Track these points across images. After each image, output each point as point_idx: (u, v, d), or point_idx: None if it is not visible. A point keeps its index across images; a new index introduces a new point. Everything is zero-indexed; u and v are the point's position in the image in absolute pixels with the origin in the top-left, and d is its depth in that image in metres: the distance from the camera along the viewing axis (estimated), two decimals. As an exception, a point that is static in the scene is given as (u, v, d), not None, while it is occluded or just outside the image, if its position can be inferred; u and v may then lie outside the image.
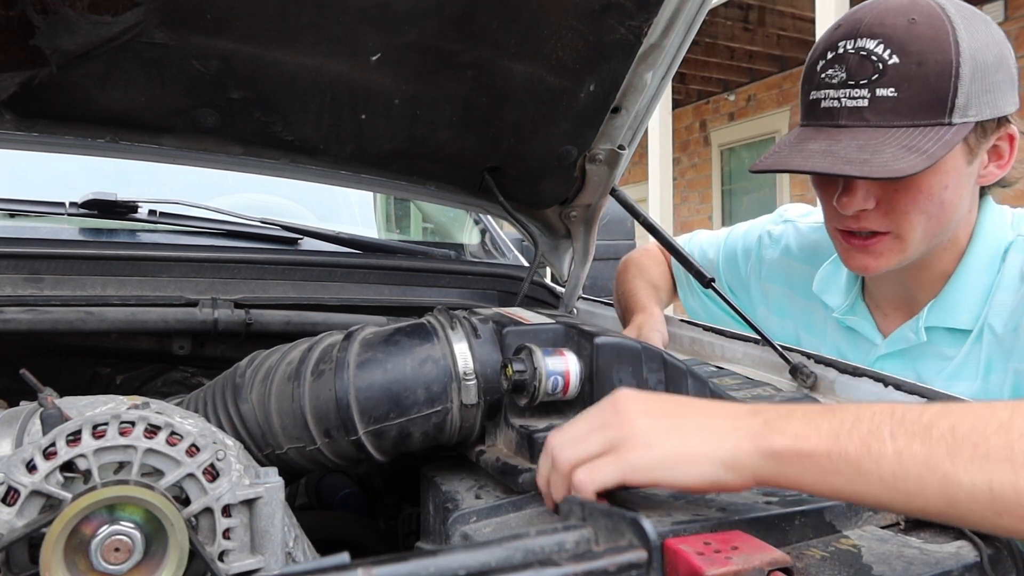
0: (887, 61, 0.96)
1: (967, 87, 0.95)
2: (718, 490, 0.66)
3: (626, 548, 0.44)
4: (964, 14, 0.99)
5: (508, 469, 0.77)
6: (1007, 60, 1.00)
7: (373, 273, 1.37)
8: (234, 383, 0.83)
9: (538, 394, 0.78)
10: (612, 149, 1.30)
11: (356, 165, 1.30)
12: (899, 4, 1.00)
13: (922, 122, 0.96)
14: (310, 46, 1.02)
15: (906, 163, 0.93)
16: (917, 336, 1.09)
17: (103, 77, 0.98)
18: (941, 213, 1.01)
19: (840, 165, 0.96)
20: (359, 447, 0.80)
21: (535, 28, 1.06)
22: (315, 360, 0.82)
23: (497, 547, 0.43)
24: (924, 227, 1.02)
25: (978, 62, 0.96)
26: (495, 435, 0.86)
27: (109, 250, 1.17)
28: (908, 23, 0.97)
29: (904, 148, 0.94)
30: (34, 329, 1.03)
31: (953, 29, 0.96)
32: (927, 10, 0.98)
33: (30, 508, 0.54)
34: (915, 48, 0.96)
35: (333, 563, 0.40)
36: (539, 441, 0.76)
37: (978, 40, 0.97)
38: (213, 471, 0.59)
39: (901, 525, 0.74)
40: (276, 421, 0.80)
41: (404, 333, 0.85)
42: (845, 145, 0.97)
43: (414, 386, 0.80)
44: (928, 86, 0.95)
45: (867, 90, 0.98)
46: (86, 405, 0.68)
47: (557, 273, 1.58)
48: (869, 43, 0.98)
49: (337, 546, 0.59)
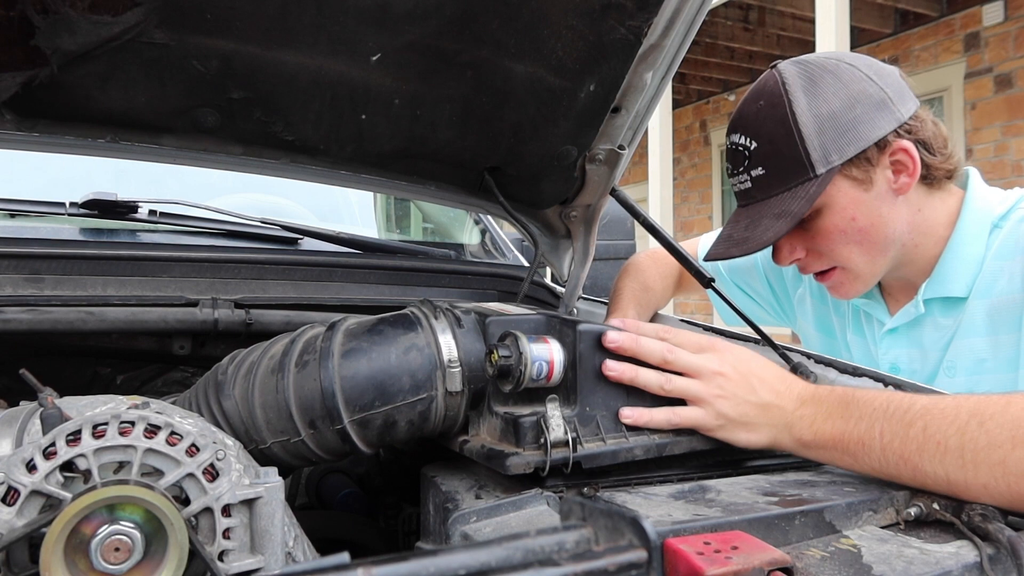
0: (750, 148, 1.14)
1: (816, 141, 1.08)
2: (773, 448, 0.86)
3: (626, 548, 0.44)
4: (809, 74, 1.12)
5: (494, 454, 0.77)
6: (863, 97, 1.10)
7: (373, 273, 1.37)
8: (216, 380, 0.83)
9: (523, 379, 0.78)
10: (612, 149, 1.30)
11: (356, 165, 1.30)
12: (755, 90, 1.17)
13: (793, 183, 1.11)
14: (310, 46, 1.02)
15: (772, 232, 1.10)
16: (916, 309, 1.19)
17: (103, 77, 0.98)
18: (869, 235, 1.14)
19: (731, 249, 1.15)
20: (344, 437, 0.80)
21: (535, 28, 1.06)
22: (298, 351, 0.82)
23: (497, 547, 0.43)
24: (861, 252, 1.15)
25: (821, 115, 1.09)
26: (478, 424, 0.86)
27: (109, 250, 1.17)
28: (757, 109, 1.14)
29: (775, 216, 1.11)
30: (34, 329, 1.02)
31: (789, 99, 1.10)
32: (771, 89, 1.13)
33: (30, 508, 0.54)
34: (764, 130, 1.12)
35: (333, 563, 0.40)
36: (525, 425, 0.76)
37: (819, 96, 1.09)
38: (213, 471, 0.58)
39: (901, 525, 0.74)
40: (260, 415, 0.80)
41: (388, 323, 0.85)
42: (740, 226, 1.16)
43: (399, 374, 0.80)
44: (783, 155, 1.10)
45: (746, 175, 1.16)
46: (86, 405, 0.68)
47: (557, 273, 1.58)
48: (736, 136, 1.17)
49: (337, 546, 0.59)
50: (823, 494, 0.75)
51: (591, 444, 0.78)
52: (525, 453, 0.75)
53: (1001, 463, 0.68)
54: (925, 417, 0.73)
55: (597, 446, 0.78)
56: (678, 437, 0.83)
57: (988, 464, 0.69)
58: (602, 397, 0.81)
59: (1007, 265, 1.09)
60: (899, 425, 0.74)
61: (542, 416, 0.77)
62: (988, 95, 5.63)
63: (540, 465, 0.74)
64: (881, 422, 0.76)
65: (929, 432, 0.72)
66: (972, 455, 0.70)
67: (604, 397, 0.81)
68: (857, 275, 1.17)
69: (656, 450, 0.81)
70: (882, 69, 1.13)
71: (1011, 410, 0.70)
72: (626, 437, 0.81)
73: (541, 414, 0.78)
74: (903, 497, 0.76)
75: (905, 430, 0.74)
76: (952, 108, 5.84)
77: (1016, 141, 5.49)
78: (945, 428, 0.71)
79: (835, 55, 1.15)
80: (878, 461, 0.76)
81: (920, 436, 0.73)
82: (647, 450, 0.80)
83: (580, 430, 0.78)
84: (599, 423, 0.80)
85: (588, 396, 0.80)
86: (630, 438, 0.81)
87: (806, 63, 1.13)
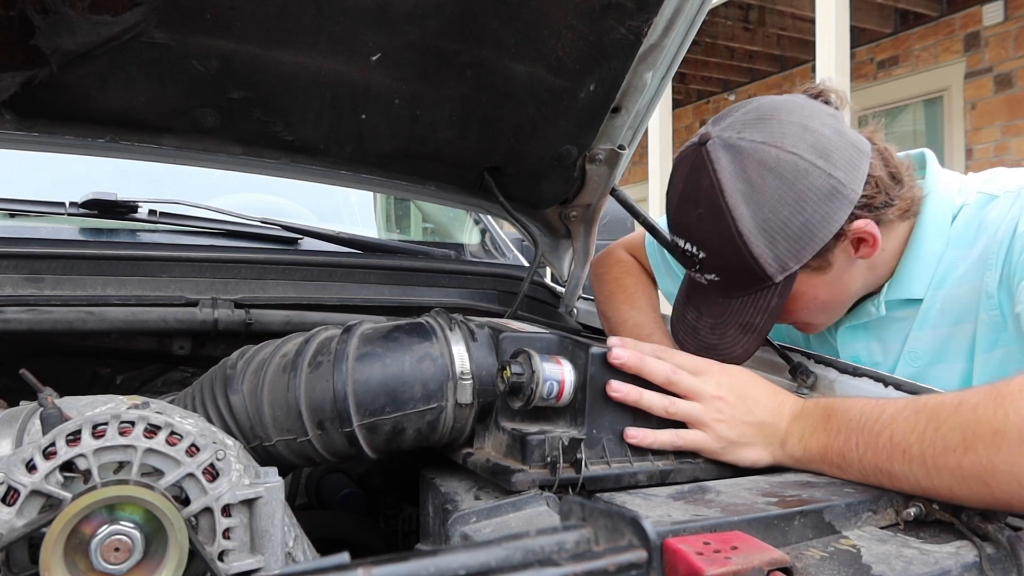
0: (698, 256, 1.04)
1: (769, 256, 0.99)
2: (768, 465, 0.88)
3: (626, 548, 0.44)
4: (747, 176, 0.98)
5: (500, 469, 0.77)
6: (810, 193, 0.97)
7: (373, 273, 1.37)
8: (224, 375, 0.83)
9: (534, 398, 0.78)
10: (612, 149, 1.30)
11: (356, 165, 1.30)
12: (689, 190, 1.03)
13: (752, 290, 1.03)
14: (310, 46, 1.02)
15: (741, 348, 1.05)
16: (878, 311, 1.15)
17: (103, 77, 0.98)
18: (832, 303, 1.10)
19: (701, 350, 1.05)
20: (352, 440, 0.80)
21: (535, 28, 1.06)
22: (312, 352, 0.82)
23: (497, 547, 0.43)
24: (826, 312, 1.12)
25: (770, 228, 0.97)
26: (484, 438, 0.86)
27: (109, 250, 1.17)
28: (697, 219, 1.02)
29: (740, 328, 1.05)
30: (34, 329, 1.02)
31: (731, 213, 0.97)
32: (708, 195, 1.00)
33: (30, 508, 0.54)
34: (709, 244, 1.02)
35: (333, 563, 0.40)
36: (532, 443, 0.77)
37: (763, 204, 0.97)
38: (213, 471, 0.58)
39: (901, 525, 0.75)
40: (268, 412, 0.80)
41: (403, 330, 0.85)
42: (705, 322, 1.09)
43: (411, 382, 0.81)
44: (735, 269, 1.01)
45: (700, 275, 1.07)
46: (86, 405, 0.68)
47: (557, 273, 1.58)
48: (680, 241, 1.06)
49: (337, 546, 0.59)
50: (823, 494, 0.75)
51: (596, 467, 0.79)
52: (531, 471, 0.75)
53: (958, 467, 0.69)
54: (891, 426, 0.76)
55: (602, 469, 0.79)
56: (681, 465, 0.84)
57: (947, 469, 0.70)
58: (609, 420, 0.82)
59: (963, 253, 1.07)
60: (870, 436, 0.77)
61: (549, 436, 0.78)
62: (988, 95, 5.63)
63: (546, 484, 0.75)
64: (856, 434, 0.79)
65: (895, 441, 0.75)
66: (932, 460, 0.71)
67: (611, 420, 0.82)
68: (827, 321, 1.17)
69: (659, 477, 0.82)
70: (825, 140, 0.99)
71: (962, 412, 0.71)
72: (630, 461, 0.82)
73: (548, 433, 0.79)
74: (902, 497, 0.76)
75: (875, 440, 0.76)
76: (952, 108, 5.84)
77: (1016, 141, 5.49)
78: (908, 435, 0.74)
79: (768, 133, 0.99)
80: (859, 472, 0.79)
81: (888, 445, 0.75)
82: (651, 476, 0.81)
83: (586, 452, 0.79)
84: (604, 446, 0.81)
85: (596, 418, 0.81)
86: (634, 463, 0.82)
87: (740, 155, 0.98)
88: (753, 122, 1.02)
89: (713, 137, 1.01)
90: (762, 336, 1.06)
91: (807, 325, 1.17)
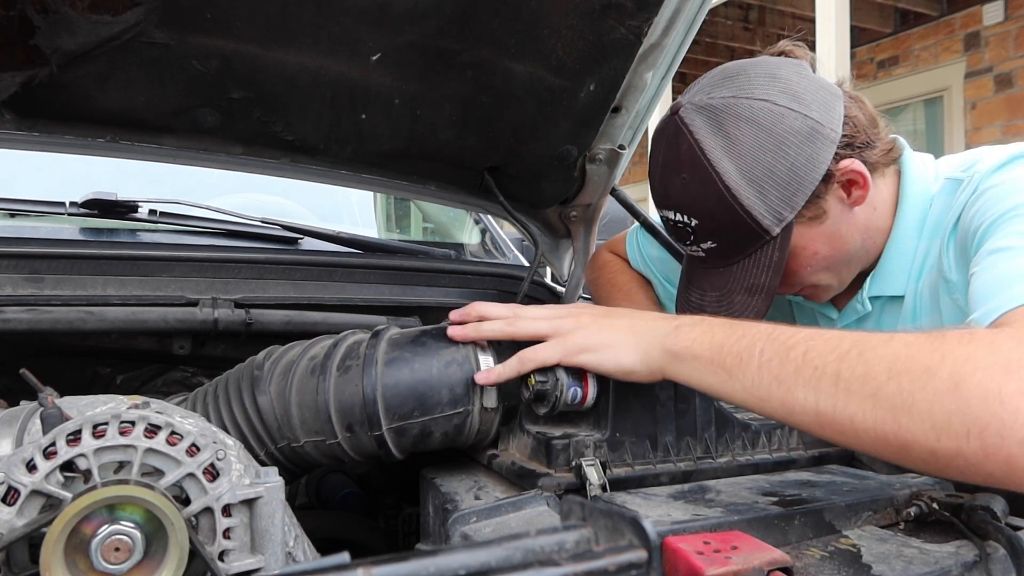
0: (691, 224, 1.02)
1: (761, 207, 0.98)
2: (631, 379, 0.80)
3: (626, 548, 0.44)
4: (723, 129, 0.98)
5: (525, 473, 0.78)
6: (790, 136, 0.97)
7: (373, 273, 1.37)
8: (252, 375, 0.84)
9: (559, 404, 0.80)
10: (612, 149, 1.30)
11: (356, 165, 1.30)
12: (671, 157, 1.03)
13: (751, 250, 1.02)
14: (310, 46, 1.02)
15: (752, 311, 1.03)
16: (864, 307, 1.14)
17: (103, 77, 0.98)
18: (833, 259, 1.07)
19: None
20: (380, 443, 0.81)
21: (535, 28, 1.06)
22: (341, 356, 0.83)
23: (497, 547, 0.43)
24: (829, 270, 1.08)
25: (755, 177, 0.97)
26: (508, 440, 0.87)
27: (109, 250, 1.17)
28: (682, 184, 1.01)
29: (746, 291, 1.03)
30: (34, 329, 1.02)
31: (714, 169, 0.97)
32: (688, 158, 0.99)
33: (30, 508, 0.54)
34: (699, 208, 1.00)
35: (333, 563, 0.40)
36: (556, 447, 0.78)
37: (744, 154, 0.97)
38: (213, 471, 0.58)
39: (901, 525, 0.75)
40: (296, 414, 0.81)
41: (431, 335, 0.86)
42: (709, 297, 1.07)
43: (439, 387, 0.81)
44: (731, 229, 1.00)
45: (695, 246, 1.05)
46: (86, 405, 0.68)
47: (557, 273, 1.58)
48: (669, 213, 1.05)
49: (337, 546, 0.59)
50: (823, 494, 0.75)
51: (619, 469, 0.80)
52: (557, 475, 0.76)
53: (873, 395, 0.64)
54: (808, 343, 0.70)
55: (625, 471, 0.80)
56: (702, 466, 0.84)
57: (860, 395, 0.64)
58: (632, 423, 0.82)
59: (934, 243, 1.05)
60: (781, 347, 0.70)
61: (574, 440, 0.79)
62: (988, 95, 5.63)
63: (573, 488, 0.76)
64: (763, 341, 0.72)
65: (809, 357, 0.68)
66: (846, 384, 0.65)
67: (634, 423, 0.82)
68: (828, 287, 1.13)
69: (682, 477, 0.82)
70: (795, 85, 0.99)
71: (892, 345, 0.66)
72: (653, 464, 0.82)
73: (572, 436, 0.80)
74: (903, 497, 0.76)
75: (786, 352, 0.70)
76: (952, 108, 5.84)
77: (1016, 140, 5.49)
78: (826, 355, 0.68)
79: (738, 87, 1.00)
80: (751, 380, 0.71)
81: (800, 359, 0.69)
82: (673, 477, 0.81)
83: (609, 455, 0.80)
84: (628, 448, 0.82)
85: (619, 422, 0.82)
86: (657, 465, 0.82)
87: (713, 112, 0.99)
88: (721, 81, 1.03)
89: (684, 104, 1.02)
90: (770, 295, 1.02)
91: (814, 290, 1.14)
